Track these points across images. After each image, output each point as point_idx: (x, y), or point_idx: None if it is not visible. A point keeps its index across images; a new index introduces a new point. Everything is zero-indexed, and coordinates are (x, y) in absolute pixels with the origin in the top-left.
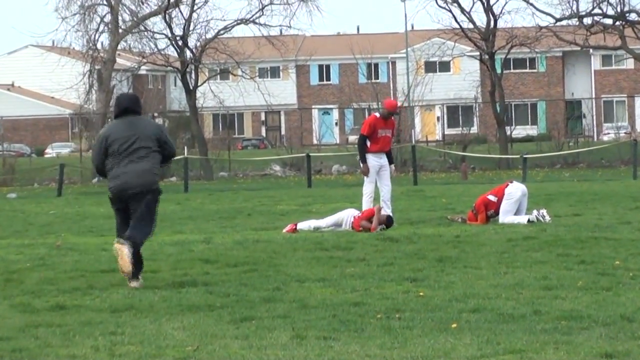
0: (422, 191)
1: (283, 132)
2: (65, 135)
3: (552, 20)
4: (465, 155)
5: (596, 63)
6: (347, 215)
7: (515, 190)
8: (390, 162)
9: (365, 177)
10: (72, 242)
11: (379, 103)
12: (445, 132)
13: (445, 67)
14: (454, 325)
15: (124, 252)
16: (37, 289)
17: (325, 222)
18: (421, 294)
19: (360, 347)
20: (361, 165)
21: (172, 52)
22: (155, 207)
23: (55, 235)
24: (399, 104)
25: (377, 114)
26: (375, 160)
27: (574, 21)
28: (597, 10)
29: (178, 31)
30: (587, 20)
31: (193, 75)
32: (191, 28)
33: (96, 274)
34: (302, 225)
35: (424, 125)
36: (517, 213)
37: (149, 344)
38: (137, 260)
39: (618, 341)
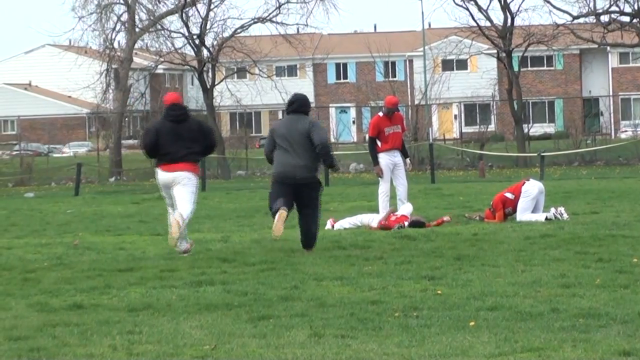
0: (440, 189)
1: None
2: (83, 134)
3: (569, 18)
4: (482, 153)
5: (613, 60)
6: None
7: (532, 187)
8: (406, 155)
9: (380, 178)
10: (89, 241)
11: None
12: (463, 130)
13: (462, 65)
14: (471, 324)
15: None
16: (54, 288)
17: (358, 218)
18: (439, 292)
19: (378, 345)
20: (374, 167)
21: (189, 51)
22: (317, 199)
23: (73, 234)
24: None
25: (381, 113)
26: (389, 159)
27: (591, 19)
28: (614, 8)
29: (195, 30)
30: (604, 18)
31: (210, 74)
32: (208, 27)
33: (113, 273)
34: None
35: (441, 124)
36: (534, 211)
37: (166, 342)
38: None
39: (636, 339)
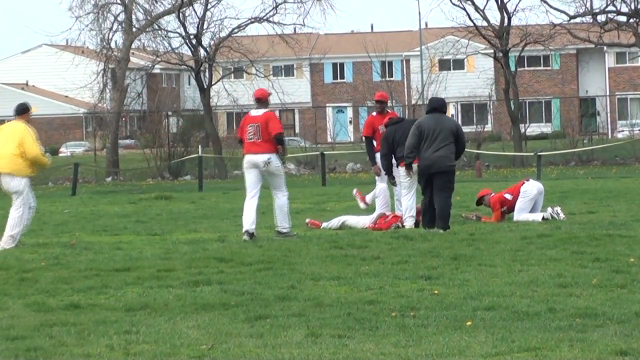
0: None
1: (297, 130)
2: (80, 134)
3: (566, 18)
4: (479, 153)
5: (610, 60)
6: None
7: (531, 188)
8: None
9: (377, 177)
10: (86, 241)
11: (393, 101)
12: None
13: (459, 65)
14: (468, 323)
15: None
16: (51, 288)
17: (355, 218)
18: (436, 292)
19: (375, 345)
20: (372, 166)
21: (186, 50)
22: (452, 184)
23: (70, 234)
24: (388, 95)
25: (374, 113)
26: None
27: (588, 18)
28: (611, 8)
29: (192, 30)
30: (601, 18)
31: (207, 74)
32: (205, 27)
33: (110, 273)
34: (328, 224)
35: None
36: (532, 211)
37: (163, 342)
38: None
39: (633, 338)
